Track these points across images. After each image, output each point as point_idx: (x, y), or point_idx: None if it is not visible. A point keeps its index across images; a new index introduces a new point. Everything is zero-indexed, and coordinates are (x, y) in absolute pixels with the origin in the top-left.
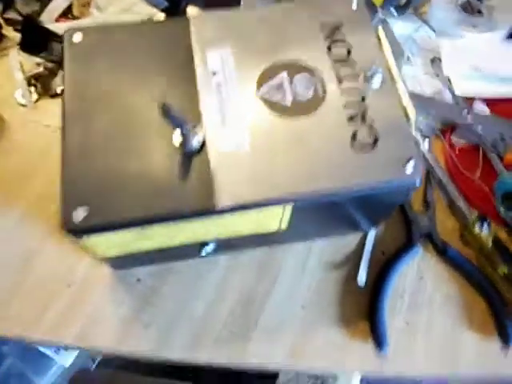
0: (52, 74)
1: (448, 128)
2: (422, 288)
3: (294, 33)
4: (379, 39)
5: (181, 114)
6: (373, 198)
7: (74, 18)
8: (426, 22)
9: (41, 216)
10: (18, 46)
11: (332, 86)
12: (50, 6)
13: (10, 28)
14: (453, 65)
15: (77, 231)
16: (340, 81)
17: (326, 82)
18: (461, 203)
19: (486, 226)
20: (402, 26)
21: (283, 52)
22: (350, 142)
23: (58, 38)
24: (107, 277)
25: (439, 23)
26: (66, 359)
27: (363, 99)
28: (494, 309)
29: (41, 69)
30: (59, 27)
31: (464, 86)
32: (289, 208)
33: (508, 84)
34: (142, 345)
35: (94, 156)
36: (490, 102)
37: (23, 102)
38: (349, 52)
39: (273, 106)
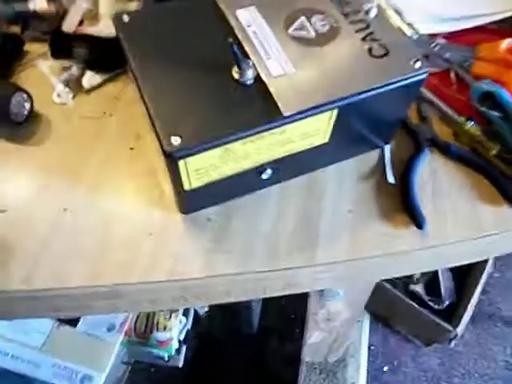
0: (81, 74)
1: None
2: (438, 182)
3: None
4: None
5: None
6: (394, 95)
7: None
8: None
9: (108, 183)
10: (41, 57)
11: (342, 21)
12: (66, 22)
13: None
14: (413, 14)
15: (176, 154)
16: (346, 16)
17: (336, 18)
18: (449, 112)
19: (473, 123)
20: None
21: (296, 3)
22: (368, 54)
23: (82, 44)
24: (180, 222)
25: None
26: None
27: (368, 26)
28: (496, 182)
29: (73, 69)
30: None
31: (425, 27)
32: (334, 114)
33: (458, 21)
34: (228, 267)
35: (173, 96)
36: (448, 36)
37: (62, 100)
38: None
39: (301, 40)
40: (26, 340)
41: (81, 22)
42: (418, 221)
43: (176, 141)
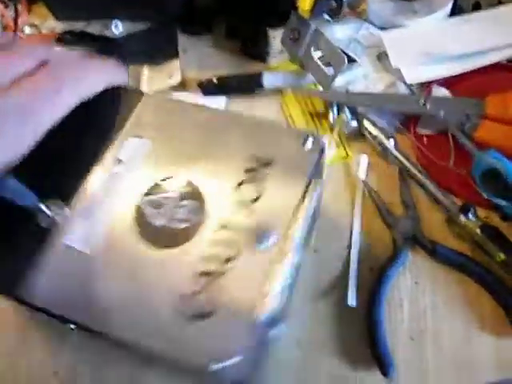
0: None
1: (411, 121)
2: (420, 294)
3: (219, 149)
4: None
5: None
6: None
7: None
8: (366, 20)
9: None
10: None
11: (210, 228)
12: None
13: None
14: (400, 55)
15: None
16: (224, 227)
17: (210, 220)
18: (440, 196)
19: (470, 214)
20: (341, 30)
21: (197, 166)
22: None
23: None
24: None
25: (379, 18)
26: None
27: None
28: (501, 300)
29: None
30: None
31: (415, 73)
32: None
33: (460, 61)
34: None
35: None
36: (450, 84)
37: None
38: (256, 199)
39: (142, 221)
40: None
41: None
42: (382, 366)
43: None
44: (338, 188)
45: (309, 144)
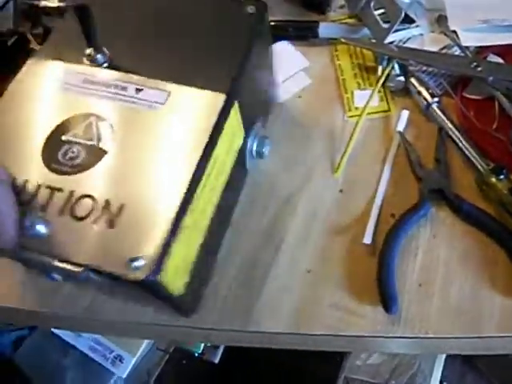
0: None
1: (459, 84)
2: (436, 247)
3: None
4: None
5: None
6: None
7: None
8: None
9: None
10: None
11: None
12: None
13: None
14: (459, 19)
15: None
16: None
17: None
18: (475, 156)
19: (502, 175)
20: None
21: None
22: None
23: None
24: None
25: None
26: (123, 371)
27: None
28: None
29: None
30: None
31: (471, 37)
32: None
33: None
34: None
35: None
36: (505, 54)
37: None
38: None
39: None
40: None
41: None
42: (385, 301)
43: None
44: (375, 140)
45: None
